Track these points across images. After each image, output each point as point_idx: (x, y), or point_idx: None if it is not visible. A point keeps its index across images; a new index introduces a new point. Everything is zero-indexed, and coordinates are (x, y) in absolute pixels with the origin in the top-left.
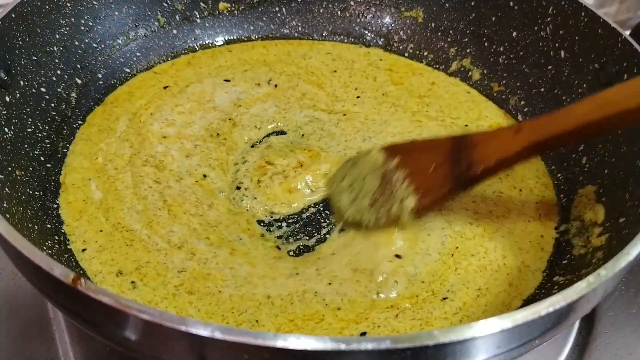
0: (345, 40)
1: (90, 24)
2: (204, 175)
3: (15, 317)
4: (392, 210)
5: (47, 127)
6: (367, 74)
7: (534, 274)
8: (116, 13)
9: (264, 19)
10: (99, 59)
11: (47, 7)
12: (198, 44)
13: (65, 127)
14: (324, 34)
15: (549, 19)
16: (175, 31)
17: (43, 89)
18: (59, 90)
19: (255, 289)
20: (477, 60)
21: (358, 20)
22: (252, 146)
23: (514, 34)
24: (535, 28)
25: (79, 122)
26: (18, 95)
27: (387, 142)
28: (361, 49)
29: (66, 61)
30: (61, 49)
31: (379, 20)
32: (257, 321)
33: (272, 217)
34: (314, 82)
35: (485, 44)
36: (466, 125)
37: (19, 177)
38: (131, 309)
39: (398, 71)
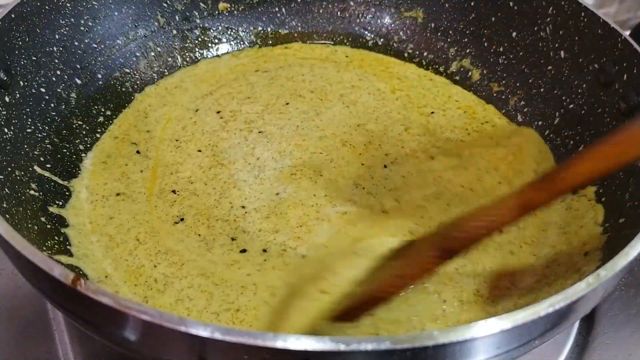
0: (345, 41)
1: (90, 24)
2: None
3: (15, 317)
4: None
5: (47, 128)
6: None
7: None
8: (116, 13)
9: (264, 19)
10: (99, 59)
11: (47, 7)
12: (197, 45)
13: (65, 128)
14: (323, 35)
15: (548, 19)
16: (175, 31)
17: (43, 89)
18: (59, 90)
19: None
20: (477, 61)
21: (358, 20)
22: None
23: (514, 34)
24: (535, 28)
25: (79, 122)
26: (18, 95)
27: None
28: (328, 48)
29: (66, 61)
30: (61, 49)
31: (378, 21)
32: None
33: None
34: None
35: (485, 44)
36: (432, 113)
37: (19, 177)
38: (131, 310)
39: (366, 66)
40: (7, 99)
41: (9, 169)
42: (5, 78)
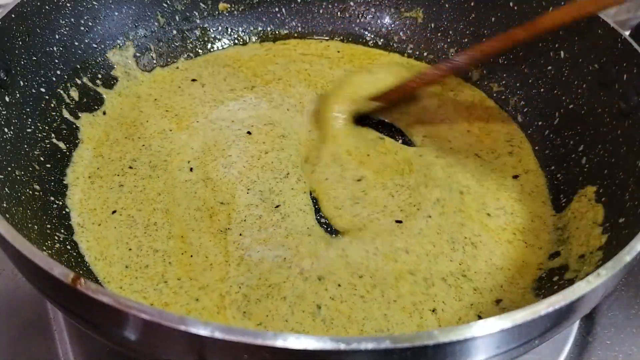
0: (345, 41)
1: (90, 24)
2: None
3: (15, 317)
4: None
5: (47, 127)
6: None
7: (532, 275)
8: (116, 13)
9: (264, 19)
10: (99, 59)
11: (47, 7)
12: (197, 45)
13: (65, 127)
14: (323, 35)
15: None
16: (175, 31)
17: (43, 89)
18: (59, 90)
19: None
20: None
21: (358, 20)
22: None
23: None
24: None
25: (79, 122)
26: (18, 95)
27: None
28: (321, 43)
29: (66, 61)
30: (61, 49)
31: (378, 21)
32: None
33: None
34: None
35: None
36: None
37: (18, 177)
38: (130, 309)
39: (355, 60)
40: (7, 99)
41: (9, 169)
42: (5, 78)
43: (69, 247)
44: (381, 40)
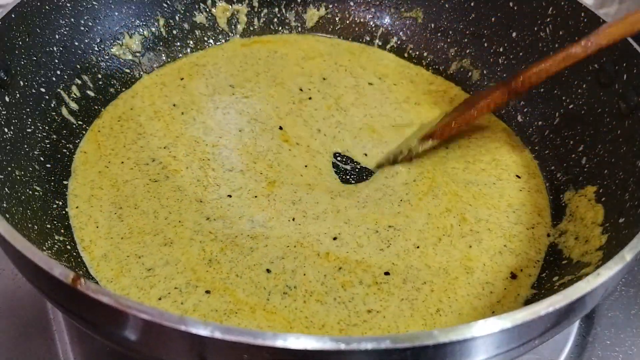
0: (345, 41)
1: (90, 24)
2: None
3: (15, 317)
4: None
5: (47, 127)
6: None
7: (532, 275)
8: (116, 13)
9: (264, 19)
10: (99, 59)
11: (47, 7)
12: (197, 45)
13: (65, 127)
14: (323, 34)
15: (548, 19)
16: (175, 31)
17: (43, 89)
18: (59, 90)
19: None
20: (477, 61)
21: (358, 20)
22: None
23: (514, 34)
24: (535, 29)
25: (79, 122)
26: (18, 95)
27: None
28: (322, 43)
29: (66, 61)
30: (61, 49)
31: (378, 21)
32: None
33: None
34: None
35: (485, 45)
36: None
37: (18, 177)
38: (131, 309)
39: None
40: (7, 99)
41: (9, 169)
42: (5, 78)
43: (69, 247)
44: (381, 40)
